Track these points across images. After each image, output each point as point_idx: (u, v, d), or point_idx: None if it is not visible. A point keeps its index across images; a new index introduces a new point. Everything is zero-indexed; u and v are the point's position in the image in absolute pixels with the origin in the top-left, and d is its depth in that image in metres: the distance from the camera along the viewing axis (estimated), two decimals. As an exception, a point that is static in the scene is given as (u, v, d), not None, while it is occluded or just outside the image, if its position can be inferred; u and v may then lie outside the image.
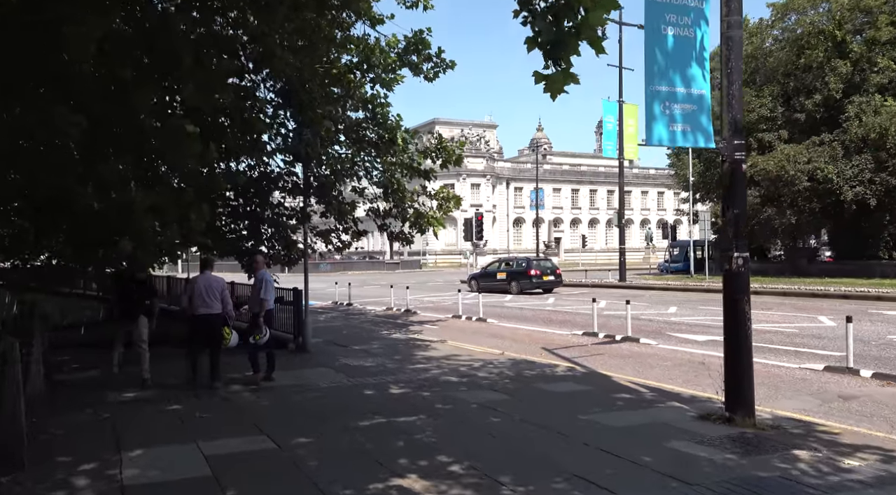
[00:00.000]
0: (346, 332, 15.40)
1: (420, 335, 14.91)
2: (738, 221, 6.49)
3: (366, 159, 12.58)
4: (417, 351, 12.02)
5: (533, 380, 8.98)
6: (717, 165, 36.50)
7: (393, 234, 13.20)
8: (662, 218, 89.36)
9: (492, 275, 27.57)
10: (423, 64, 13.37)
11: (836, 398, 7.91)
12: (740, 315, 6.47)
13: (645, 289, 27.39)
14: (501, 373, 9.52)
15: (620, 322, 15.38)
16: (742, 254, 6.47)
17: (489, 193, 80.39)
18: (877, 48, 30.36)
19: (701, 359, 10.85)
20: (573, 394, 8.07)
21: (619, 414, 6.99)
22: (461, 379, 9.13)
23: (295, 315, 12.27)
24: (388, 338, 14.14)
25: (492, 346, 12.84)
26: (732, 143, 6.48)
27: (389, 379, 9.22)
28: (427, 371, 9.81)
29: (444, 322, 17.78)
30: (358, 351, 12.11)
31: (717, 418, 6.57)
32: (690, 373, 9.66)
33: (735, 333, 6.51)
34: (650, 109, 6.36)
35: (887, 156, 28.53)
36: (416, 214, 12.79)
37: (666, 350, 11.88)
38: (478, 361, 10.65)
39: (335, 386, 8.84)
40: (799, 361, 10.29)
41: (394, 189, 12.51)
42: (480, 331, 15.56)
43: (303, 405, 7.73)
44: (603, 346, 12.54)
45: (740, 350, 6.49)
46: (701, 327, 14.67)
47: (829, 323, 14.59)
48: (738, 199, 6.52)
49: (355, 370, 10.02)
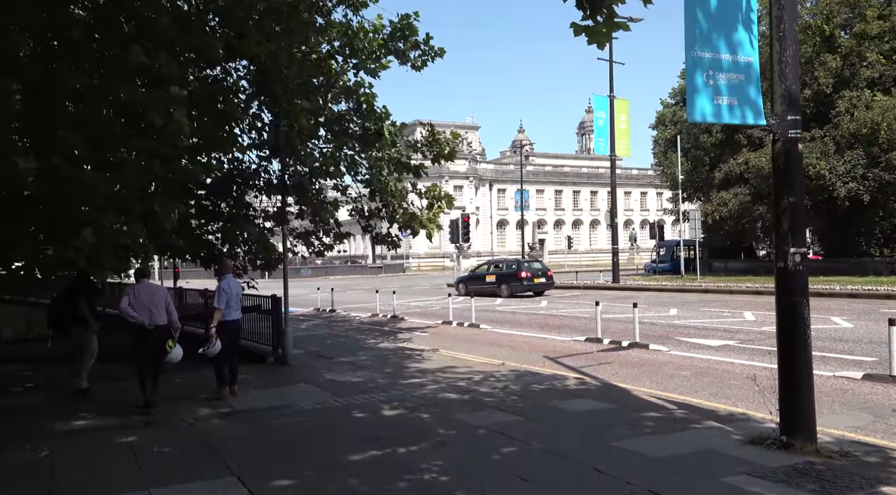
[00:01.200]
0: (329, 342, 14.25)
1: (410, 343, 13.83)
2: (795, 211, 5.52)
3: (349, 155, 11.46)
4: (409, 362, 10.93)
5: (544, 397, 7.94)
6: (704, 164, 36.35)
7: (378, 237, 12.09)
8: (646, 218, 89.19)
9: (480, 277, 26.55)
10: (411, 51, 12.35)
11: (891, 413, 6.98)
12: (799, 321, 5.50)
13: (640, 291, 26.56)
14: (506, 388, 8.47)
15: (622, 326, 14.46)
16: (800, 249, 5.50)
17: (472, 195, 79.48)
18: (866, 42, 29.93)
19: (721, 366, 9.90)
20: (594, 414, 7.04)
21: (654, 440, 5.97)
22: (462, 396, 8.06)
23: (273, 324, 11.11)
24: (375, 348, 13.03)
25: (489, 355, 11.81)
26: (786, 119, 5.51)
27: (381, 397, 8.12)
28: (422, 387, 8.73)
29: (434, 328, 16.70)
30: (344, 363, 10.99)
31: (772, 442, 5.59)
32: (716, 385, 8.69)
33: (792, 342, 5.53)
34: (692, 79, 5.36)
35: (880, 151, 28.05)
36: (407, 215, 11.71)
37: (680, 357, 10.93)
38: (477, 374, 9.59)
39: (320, 407, 7.72)
40: (830, 368, 9.37)
41: (380, 187, 11.41)
42: (474, 338, 14.51)
43: (282, 433, 6.60)
44: (610, 354, 11.56)
45: (798, 362, 5.51)
46: (710, 331, 13.77)
47: (844, 323, 13.76)
48: (794, 185, 5.55)
49: (342, 387, 8.91)
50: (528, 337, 14.29)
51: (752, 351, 11.10)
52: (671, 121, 39.49)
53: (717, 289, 24.23)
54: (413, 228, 11.80)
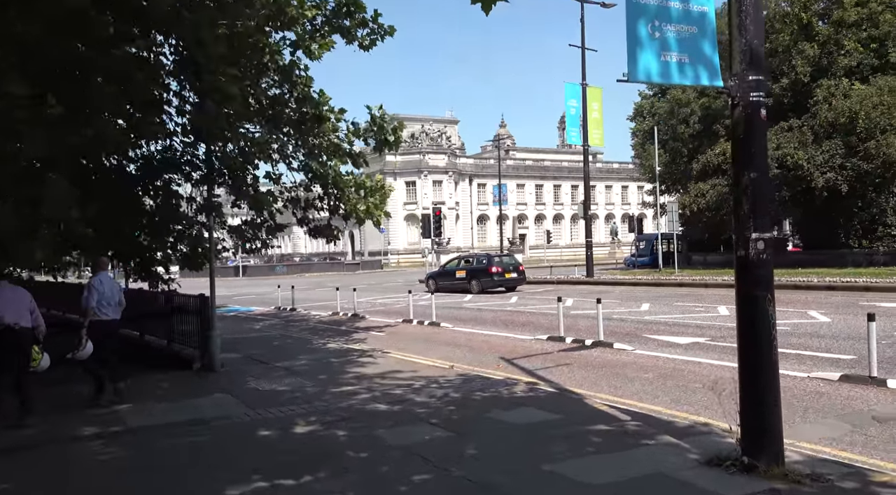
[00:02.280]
0: (276, 343, 13.25)
1: (362, 344, 12.88)
2: (758, 189, 4.63)
3: (284, 140, 10.40)
4: (351, 367, 9.98)
5: (484, 406, 7.02)
6: (682, 156, 35.73)
7: (316, 229, 11.07)
8: (627, 212, 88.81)
9: (450, 273, 25.60)
10: (357, 29, 11.34)
11: (870, 421, 6.14)
12: (762, 319, 4.61)
13: (614, 285, 25.78)
14: (445, 396, 7.55)
15: (590, 322, 13.58)
16: (763, 234, 4.62)
17: (452, 190, 78.56)
18: (843, 30, 29.35)
19: (687, 367, 9.06)
20: (535, 428, 6.13)
21: (596, 461, 5.07)
22: (392, 407, 7.12)
23: (200, 327, 10.09)
24: (321, 350, 12.05)
25: (442, 357, 10.90)
26: (747, 80, 4.62)
27: (301, 409, 7.15)
28: (353, 396, 7.78)
29: (392, 327, 15.75)
30: (278, 369, 10.01)
31: (733, 463, 4.71)
32: (679, 389, 7.82)
33: (755, 345, 4.65)
34: (633, 30, 4.45)
35: (858, 140, 27.50)
36: (350, 204, 10.72)
37: (645, 357, 10.08)
38: (420, 379, 8.66)
39: (226, 423, 6.74)
40: (805, 368, 8.56)
41: (320, 174, 10.37)
42: (432, 337, 13.58)
43: (164, 458, 5.61)
44: (571, 354, 10.68)
45: (762, 369, 4.63)
46: (680, 327, 12.95)
47: (822, 318, 13.00)
48: (757, 158, 4.66)
49: (263, 397, 7.93)
50: (488, 336, 13.39)
51: (722, 349, 10.27)
52: (649, 112, 38.82)
53: (693, 282, 23.52)
54: (358, 215, 10.80)
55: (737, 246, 4.71)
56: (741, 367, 4.73)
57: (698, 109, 32.85)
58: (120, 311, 7.84)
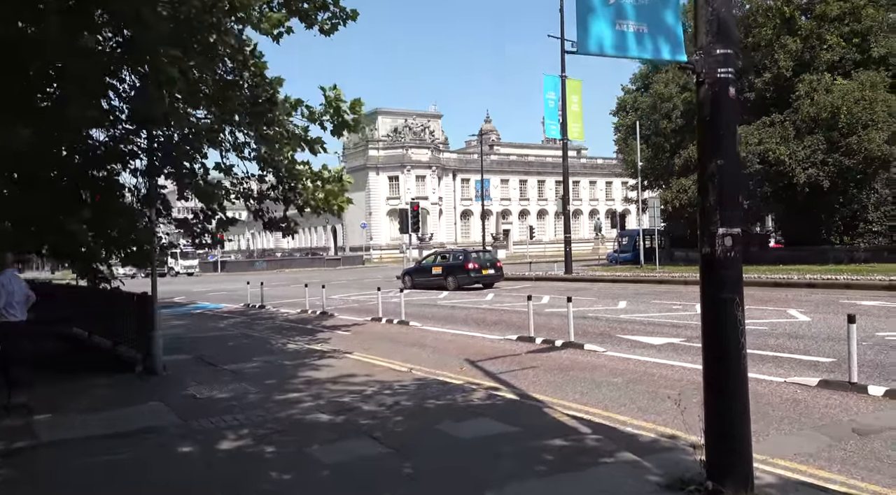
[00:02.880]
0: (232, 344, 12.59)
1: (324, 344, 12.27)
2: (726, 178, 4.08)
3: (235, 127, 9.70)
4: (304, 370, 9.36)
5: (435, 416, 6.45)
6: (665, 151, 35.38)
7: (271, 222, 10.40)
8: (611, 208, 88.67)
9: (426, 269, 25.00)
10: (317, 13, 10.68)
11: (850, 434, 5.64)
12: (729, 326, 4.08)
13: (592, 282, 25.32)
14: (396, 405, 6.97)
15: (563, 321, 13.00)
16: (731, 230, 4.07)
17: (435, 185, 77.94)
18: (826, 24, 29.05)
19: (659, 371, 8.54)
20: (485, 443, 5.57)
21: (545, 485, 4.52)
22: (336, 417, 6.53)
23: (141, 328, 9.42)
24: (279, 351, 11.41)
25: (404, 359, 10.33)
26: (713, 54, 4.06)
27: (235, 421, 6.54)
28: (297, 404, 7.17)
29: (360, 326, 15.14)
30: (225, 373, 9.37)
31: (697, 489, 4.17)
32: (648, 396, 7.30)
33: (721, 357, 4.10)
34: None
35: (839, 136, 27.23)
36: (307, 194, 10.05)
37: (616, 359, 9.55)
38: (373, 385, 8.07)
39: (148, 437, 6.10)
40: (783, 372, 8.07)
41: (273, 163, 9.68)
42: (399, 337, 13.00)
43: (50, 484, 4.97)
44: (539, 355, 10.14)
45: (729, 383, 4.09)
46: (655, 326, 12.46)
47: (802, 317, 12.56)
48: (724, 142, 4.11)
49: (199, 406, 7.31)
50: (457, 335, 12.83)
51: (696, 351, 9.68)
52: (632, 107, 38.40)
53: (673, 279, 23.10)
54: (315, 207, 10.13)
55: (702, 242, 4.16)
56: (706, 380, 4.19)
57: (681, 104, 32.45)
58: (26, 311, 7.17)
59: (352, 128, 9.62)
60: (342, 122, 9.64)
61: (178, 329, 15.64)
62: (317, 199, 10.02)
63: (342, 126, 9.73)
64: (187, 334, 14.45)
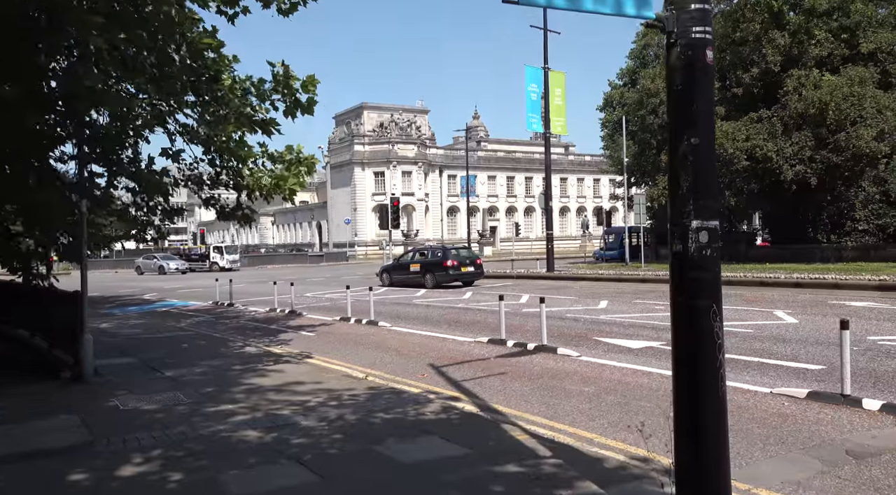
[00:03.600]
0: (185, 346, 11.78)
1: (284, 347, 11.51)
2: (701, 160, 3.36)
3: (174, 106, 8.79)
4: (251, 376, 8.59)
5: (379, 434, 5.71)
6: (651, 147, 34.80)
7: (225, 211, 9.57)
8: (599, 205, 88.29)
9: (405, 266, 24.23)
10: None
11: (844, 457, 4.96)
12: (704, 342, 3.34)
13: (574, 280, 24.66)
14: (339, 419, 6.22)
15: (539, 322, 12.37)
16: (708, 223, 3.35)
17: (422, 181, 77.13)
18: (814, 19, 28.53)
19: (634, 378, 7.84)
20: (428, 468, 4.84)
21: (486, 527, 3.79)
22: (266, 435, 5.76)
23: (69, 330, 8.59)
24: (232, 354, 10.62)
25: (364, 363, 9.62)
26: (687, 9, 3.33)
27: (152, 438, 5.76)
28: (228, 418, 6.40)
29: (327, 326, 14.37)
30: (164, 379, 8.57)
31: (664, 534, 3.46)
32: (621, 408, 6.60)
33: (693, 379, 3.37)
34: (527, -70, 3.12)
35: (827, 132, 26.75)
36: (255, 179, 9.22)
37: (590, 365, 8.86)
38: (321, 394, 7.32)
39: (38, 460, 5.30)
40: (769, 382, 7.40)
41: (218, 147, 8.81)
42: (364, 339, 12.24)
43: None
44: (509, 360, 9.43)
45: (703, 420, 3.34)
46: (635, 328, 11.79)
47: (789, 319, 11.91)
48: (699, 118, 3.38)
49: (118, 419, 6.52)
50: (426, 337, 12.09)
51: (677, 356, 9.09)
52: (619, 102, 37.83)
53: (657, 278, 22.49)
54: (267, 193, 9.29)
55: (672, 238, 3.43)
56: (676, 405, 3.46)
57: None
58: None
59: (306, 110, 8.78)
60: (295, 101, 8.80)
61: (136, 328, 14.82)
62: (260, 185, 9.16)
63: (295, 106, 8.88)
64: (142, 334, 13.63)
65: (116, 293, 28.65)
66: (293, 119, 8.83)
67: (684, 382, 3.40)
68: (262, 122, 8.76)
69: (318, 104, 9.34)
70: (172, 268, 48.41)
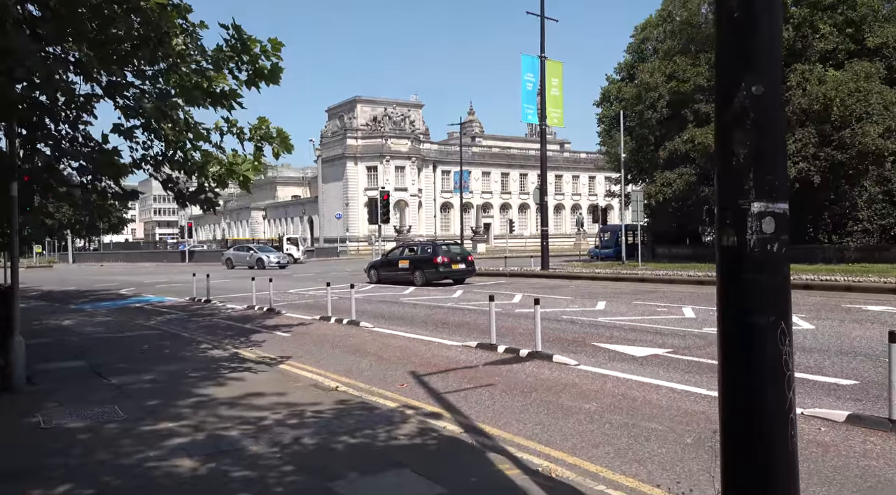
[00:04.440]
0: (146, 347, 10.76)
1: (254, 350, 10.53)
2: (764, 120, 2.38)
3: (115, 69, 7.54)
4: (206, 386, 7.58)
5: (339, 465, 4.72)
6: (649, 143, 33.80)
7: (186, 195, 8.49)
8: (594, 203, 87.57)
9: (393, 263, 23.22)
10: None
11: (910, 505, 4.01)
12: (766, 370, 2.38)
13: (570, 279, 23.72)
14: (294, 444, 5.23)
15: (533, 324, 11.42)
16: (775, 206, 2.38)
17: (415, 177, 76.13)
18: (819, 13, 27.66)
19: (642, 393, 6.89)
20: (392, 517, 3.86)
21: None
22: (203, 465, 4.77)
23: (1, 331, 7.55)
24: (194, 358, 9.61)
25: (341, 369, 8.69)
26: None
27: (62, 468, 4.76)
28: (163, 441, 5.40)
29: (305, 326, 13.38)
30: (109, 388, 7.56)
31: None
32: (627, 431, 5.63)
33: (751, 421, 2.40)
34: None
35: (832, 129, 25.88)
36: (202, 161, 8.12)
37: (590, 375, 7.90)
38: (281, 409, 6.34)
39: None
40: (798, 399, 6.40)
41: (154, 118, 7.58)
42: (343, 341, 11.26)
43: None
44: (499, 368, 8.46)
45: (765, 469, 2.38)
46: (638, 333, 10.84)
47: (804, 324, 10.96)
48: (765, 56, 2.40)
49: (34, 440, 5.51)
50: (410, 340, 11.11)
51: (686, 365, 8.16)
52: (616, 97, 36.92)
53: (656, 277, 21.58)
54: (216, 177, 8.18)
55: (721, 227, 2.45)
56: (725, 463, 2.48)
57: (666, 93, 30.93)
58: None
59: (270, 78, 7.68)
60: (257, 69, 7.68)
61: (99, 327, 13.78)
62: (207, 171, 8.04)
63: (258, 74, 7.75)
64: (104, 334, 12.60)
65: (93, 288, 27.56)
66: (257, 89, 7.75)
67: (738, 430, 2.43)
68: (219, 93, 7.66)
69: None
70: (273, 262, 39.54)
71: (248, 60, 7.54)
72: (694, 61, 30.65)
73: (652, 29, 36.16)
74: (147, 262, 60.55)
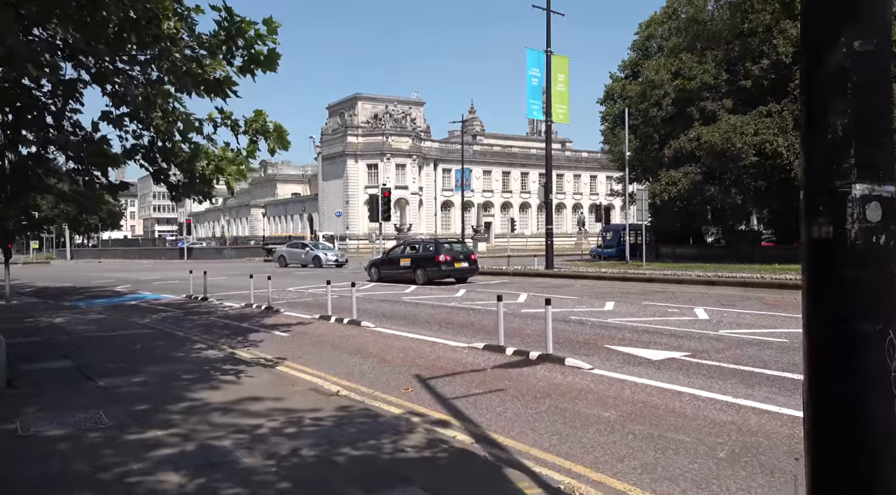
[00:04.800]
0: (139, 347, 10.31)
1: (251, 350, 10.11)
2: (869, 83, 1.95)
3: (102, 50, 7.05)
4: (199, 389, 7.14)
5: (340, 482, 4.29)
6: (654, 142, 33.30)
7: (179, 187, 8.04)
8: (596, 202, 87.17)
9: (394, 261, 22.78)
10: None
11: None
12: (870, 388, 1.93)
13: (575, 278, 23.29)
14: (292, 456, 4.79)
15: (541, 325, 10.95)
16: (881, 188, 1.94)
17: (416, 175, 75.69)
18: (829, 8, 27.19)
19: (663, 401, 6.45)
20: (401, 545, 3.42)
21: None
22: (191, 481, 4.33)
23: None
24: (187, 360, 9.16)
25: (343, 371, 8.27)
26: None
27: (32, 483, 4.32)
28: (149, 451, 4.95)
29: (304, 325, 12.94)
30: (95, 390, 7.12)
31: None
32: (653, 443, 5.19)
33: (857, 455, 1.96)
34: None
35: (841, 127, 25.43)
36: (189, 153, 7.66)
37: (606, 381, 7.46)
38: (278, 415, 5.90)
39: None
40: None
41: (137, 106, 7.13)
42: (344, 341, 10.83)
43: None
44: (509, 372, 8.03)
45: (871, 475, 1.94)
46: (651, 335, 10.41)
47: None
48: (872, 6, 1.96)
49: (8, 450, 5.07)
50: (414, 341, 10.68)
51: (707, 371, 7.73)
52: (620, 95, 36.53)
53: (664, 277, 21.15)
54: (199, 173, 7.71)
55: (811, 217, 2.01)
56: (819, 471, 2.04)
57: (672, 91, 30.50)
58: None
59: (266, 65, 7.21)
60: (253, 55, 7.21)
61: (92, 325, 13.33)
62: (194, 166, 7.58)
63: (253, 61, 7.28)
64: (96, 332, 12.15)
65: (89, 284, 27.14)
66: (253, 77, 7.29)
67: (836, 439, 1.99)
68: (213, 81, 7.19)
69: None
70: (331, 260, 36.51)
71: (244, 45, 7.07)
72: (700, 58, 30.24)
73: (657, 26, 35.74)
74: (145, 259, 60.14)
